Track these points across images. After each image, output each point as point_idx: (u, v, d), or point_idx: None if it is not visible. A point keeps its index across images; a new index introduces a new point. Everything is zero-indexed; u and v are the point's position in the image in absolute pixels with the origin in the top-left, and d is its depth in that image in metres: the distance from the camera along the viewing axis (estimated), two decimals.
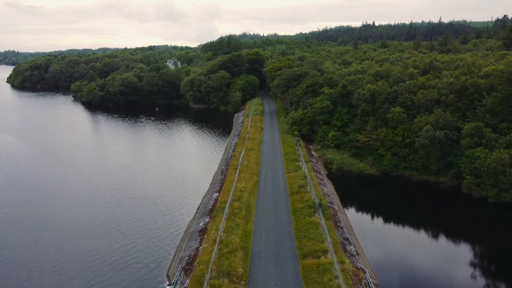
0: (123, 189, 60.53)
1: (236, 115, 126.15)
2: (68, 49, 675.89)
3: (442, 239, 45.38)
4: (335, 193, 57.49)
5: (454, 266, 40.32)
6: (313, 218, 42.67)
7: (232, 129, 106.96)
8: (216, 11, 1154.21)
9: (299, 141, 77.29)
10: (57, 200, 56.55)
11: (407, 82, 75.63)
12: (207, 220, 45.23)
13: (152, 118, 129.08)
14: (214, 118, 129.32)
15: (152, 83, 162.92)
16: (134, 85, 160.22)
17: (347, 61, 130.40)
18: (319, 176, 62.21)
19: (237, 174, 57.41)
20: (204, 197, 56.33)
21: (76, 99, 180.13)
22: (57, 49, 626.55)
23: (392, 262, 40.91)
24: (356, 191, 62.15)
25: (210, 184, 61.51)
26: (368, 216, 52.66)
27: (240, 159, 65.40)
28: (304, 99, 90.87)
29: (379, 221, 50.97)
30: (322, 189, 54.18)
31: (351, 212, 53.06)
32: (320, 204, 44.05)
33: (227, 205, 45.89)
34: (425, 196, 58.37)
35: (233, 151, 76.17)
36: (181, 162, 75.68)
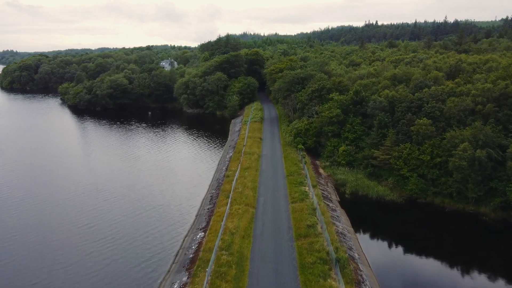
0: (90, 228, 48.58)
1: (233, 121, 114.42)
2: (67, 48, 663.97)
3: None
4: (352, 230, 45.66)
5: None
6: (329, 281, 30.90)
7: (228, 138, 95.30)
8: (217, 10, 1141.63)
9: (304, 157, 65.50)
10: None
11: (433, 87, 63.79)
12: (184, 279, 33.43)
13: (143, 124, 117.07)
14: (209, 125, 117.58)
15: (143, 85, 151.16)
16: (124, 87, 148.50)
17: (355, 62, 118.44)
18: (331, 205, 50.41)
19: (228, 206, 45.63)
20: (186, 235, 44.55)
21: (63, 102, 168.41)
22: (57, 49, 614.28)
23: None
24: (377, 224, 50.23)
25: (196, 216, 49.74)
26: (397, 267, 40.93)
27: (234, 182, 53.62)
28: (310, 106, 79.05)
29: (409, 271, 39.29)
30: (336, 228, 42.38)
31: (374, 257, 41.20)
32: (338, 260, 32.25)
33: (212, 257, 34.16)
34: (462, 231, 46.65)
35: (226, 169, 64.39)
36: (166, 184, 63.36)
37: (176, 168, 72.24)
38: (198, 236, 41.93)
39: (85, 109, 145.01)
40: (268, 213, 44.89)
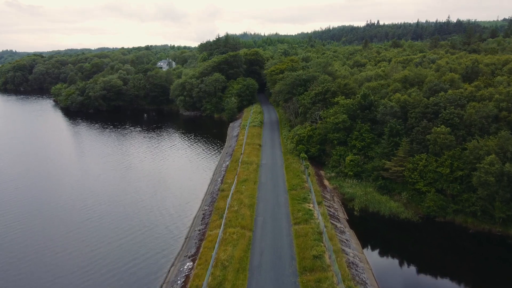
0: (61, 257, 42.58)
1: (231, 125, 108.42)
2: (66, 48, 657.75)
3: None
4: (365, 258, 39.60)
5: None
6: None
7: (225, 143, 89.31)
8: (217, 10, 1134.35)
9: (307, 168, 59.49)
10: None
11: (450, 91, 57.77)
12: None
13: (137, 128, 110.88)
14: (206, 128, 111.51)
15: (138, 86, 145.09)
16: (118, 89, 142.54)
17: (360, 63, 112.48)
18: (339, 225, 44.40)
19: (221, 229, 39.63)
20: (173, 265, 38.53)
21: (57, 104, 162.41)
22: (57, 49, 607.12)
23: None
24: (391, 248, 44.17)
25: (186, 239, 43.73)
26: None
27: (229, 198, 47.60)
28: (313, 110, 73.01)
29: None
30: (347, 257, 36.37)
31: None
32: None
33: None
34: (488, 255, 40.65)
35: (221, 181, 58.38)
36: (156, 199, 56.95)
37: (168, 180, 65.99)
38: (185, 267, 35.91)
39: (77, 111, 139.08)
40: (268, 238, 38.87)
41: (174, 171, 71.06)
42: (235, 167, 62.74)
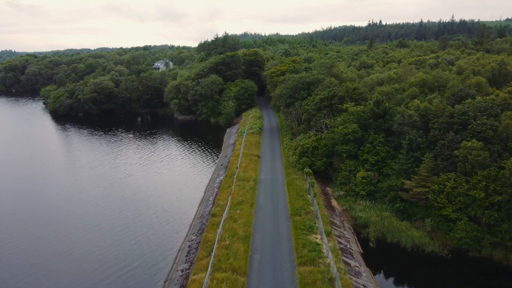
0: None
1: (228, 131, 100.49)
2: (66, 48, 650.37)
3: None
4: None
5: None
6: None
7: (220, 152, 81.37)
8: (217, 10, 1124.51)
9: (312, 186, 51.45)
10: None
11: (479, 98, 49.70)
12: None
13: (129, 134, 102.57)
14: (202, 134, 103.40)
15: (131, 88, 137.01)
16: (110, 91, 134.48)
17: (367, 64, 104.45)
18: (352, 264, 36.36)
19: (208, 274, 31.57)
20: None
21: (47, 107, 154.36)
22: (56, 49, 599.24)
23: None
24: None
25: (165, 283, 35.61)
26: None
27: (220, 229, 39.55)
28: (318, 117, 64.94)
29: None
30: None
31: None
32: None
33: None
34: None
35: (213, 202, 50.40)
36: (138, 227, 47.86)
37: (155, 199, 57.08)
38: None
39: (65, 115, 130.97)
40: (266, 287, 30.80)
41: (163, 187, 62.55)
42: (230, 184, 54.73)
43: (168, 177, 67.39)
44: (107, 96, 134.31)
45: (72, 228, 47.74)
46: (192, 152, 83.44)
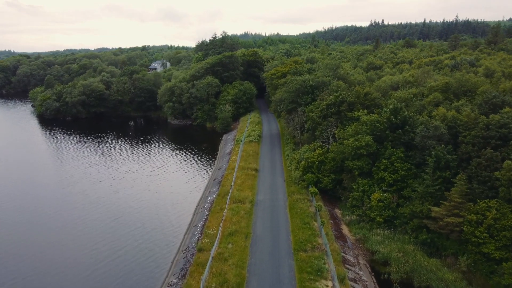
0: None
1: (224, 137, 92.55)
2: (65, 49, 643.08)
3: None
4: None
5: None
6: None
7: (215, 163, 73.33)
8: (218, 11, 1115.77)
9: (319, 210, 43.41)
10: None
11: None
12: None
13: (120, 141, 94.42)
14: (196, 141, 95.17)
15: (123, 91, 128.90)
16: (100, 93, 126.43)
17: (375, 65, 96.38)
18: None
19: None
20: None
21: (35, 109, 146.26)
22: (56, 49, 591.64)
23: None
24: None
25: None
26: None
27: (205, 273, 31.49)
28: (324, 126, 56.87)
29: None
30: None
31: None
32: None
33: None
34: None
35: (201, 231, 42.34)
36: (110, 265, 40.17)
37: (137, 226, 48.14)
38: None
39: (52, 119, 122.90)
40: None
41: (149, 209, 53.84)
42: (222, 206, 46.71)
43: (157, 195, 59.05)
44: (97, 99, 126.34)
45: (29, 266, 39.70)
46: (185, 163, 75.24)
